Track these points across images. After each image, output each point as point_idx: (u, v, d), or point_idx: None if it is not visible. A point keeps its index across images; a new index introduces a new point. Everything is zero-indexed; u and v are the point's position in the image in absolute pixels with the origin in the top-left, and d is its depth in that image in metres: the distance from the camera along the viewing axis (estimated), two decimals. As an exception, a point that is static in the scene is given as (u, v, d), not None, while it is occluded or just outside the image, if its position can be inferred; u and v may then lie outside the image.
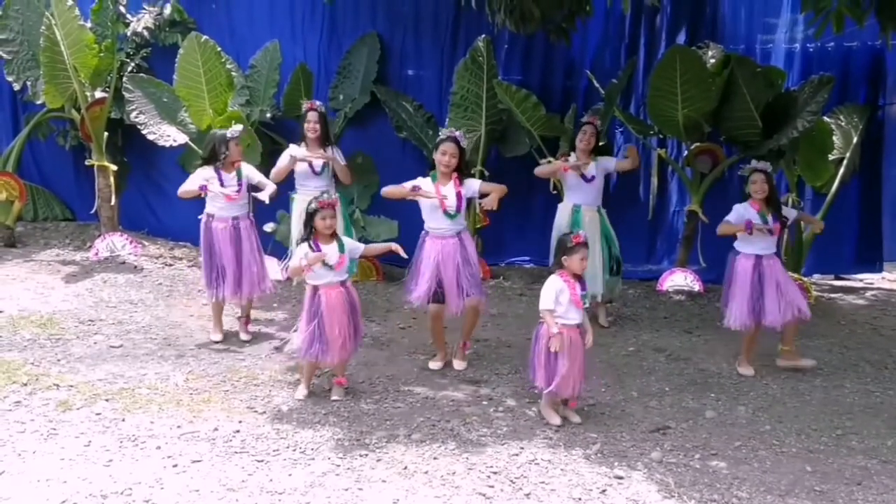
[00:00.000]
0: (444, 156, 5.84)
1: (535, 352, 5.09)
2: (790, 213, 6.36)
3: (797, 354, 6.23)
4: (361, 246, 5.57)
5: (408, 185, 5.87)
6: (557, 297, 4.99)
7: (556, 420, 5.08)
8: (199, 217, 6.46)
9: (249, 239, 6.44)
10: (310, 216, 5.24)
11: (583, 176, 6.98)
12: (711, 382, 5.96)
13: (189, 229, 7.77)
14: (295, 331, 5.61)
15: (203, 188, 6.24)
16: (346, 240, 5.42)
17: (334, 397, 5.37)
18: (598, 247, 7.02)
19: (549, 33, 7.74)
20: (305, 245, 5.23)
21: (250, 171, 6.53)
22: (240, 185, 6.37)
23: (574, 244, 5.02)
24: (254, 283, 6.46)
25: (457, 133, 5.94)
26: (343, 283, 5.32)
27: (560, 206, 7.22)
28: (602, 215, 7.17)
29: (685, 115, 7.79)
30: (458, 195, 5.86)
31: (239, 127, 6.56)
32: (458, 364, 6.07)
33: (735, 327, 6.08)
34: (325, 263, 5.19)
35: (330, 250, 5.22)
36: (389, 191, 5.99)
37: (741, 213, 6.08)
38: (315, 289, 5.26)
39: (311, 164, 7.03)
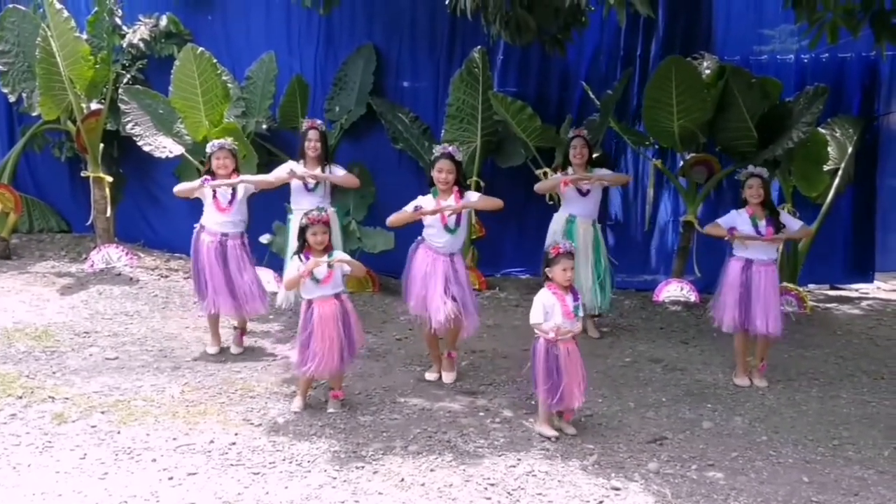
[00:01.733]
0: (440, 173, 5.84)
1: (536, 369, 5.07)
2: (791, 222, 6.26)
3: (757, 371, 6.17)
4: (348, 260, 5.44)
5: (409, 207, 5.85)
6: (548, 312, 4.99)
7: (552, 433, 5.07)
8: (195, 225, 6.45)
9: (237, 258, 6.32)
10: (301, 231, 5.25)
11: (578, 189, 6.97)
12: (708, 393, 5.95)
13: (185, 241, 7.73)
14: (292, 348, 5.58)
15: (206, 180, 6.26)
16: (337, 254, 5.39)
17: (330, 409, 5.35)
18: (591, 260, 7.01)
19: (544, 45, 7.76)
20: (297, 259, 5.24)
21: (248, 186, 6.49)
22: (233, 197, 6.35)
23: (554, 255, 5.02)
24: (243, 305, 6.36)
25: (450, 148, 5.92)
26: (338, 297, 5.31)
27: (556, 214, 7.19)
28: (596, 229, 7.10)
29: (681, 126, 7.83)
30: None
31: (219, 141, 6.46)
32: (447, 377, 6.03)
33: (724, 330, 6.13)
34: (313, 278, 5.20)
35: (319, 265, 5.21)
36: (394, 219, 5.92)
37: (733, 217, 6.13)
38: (309, 303, 5.26)
39: (304, 182, 6.98)
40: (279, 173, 6.95)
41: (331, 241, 5.37)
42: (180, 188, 6.51)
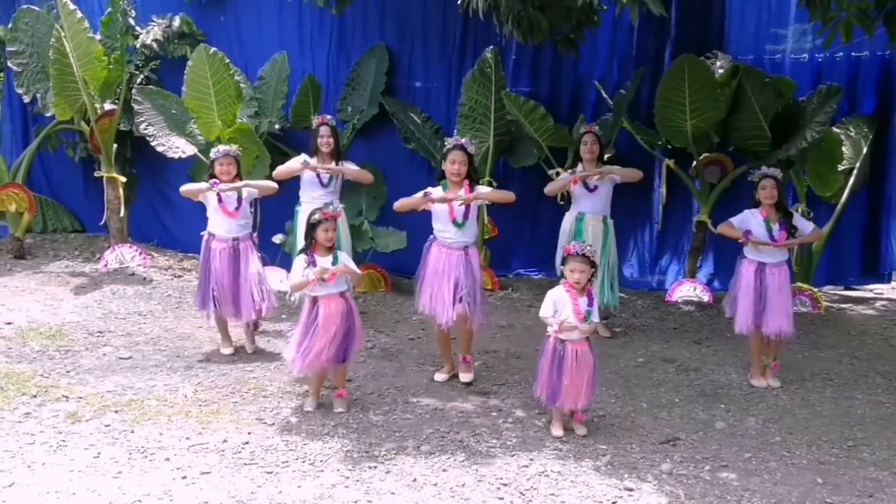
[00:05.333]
0: (452, 164, 5.79)
1: (541, 365, 5.09)
2: (804, 224, 6.19)
3: (771, 371, 6.15)
4: (352, 270, 5.39)
5: (419, 194, 5.85)
6: (558, 309, 4.99)
7: (559, 431, 5.07)
8: (202, 234, 6.46)
9: (247, 260, 6.35)
10: (312, 227, 5.24)
11: (586, 185, 6.94)
12: (721, 393, 5.93)
13: (198, 241, 7.79)
14: (288, 342, 5.53)
15: (214, 184, 6.24)
16: (341, 254, 5.39)
17: (338, 409, 5.36)
18: (598, 258, 6.93)
19: (557, 44, 7.74)
20: (303, 257, 5.24)
21: (251, 190, 6.48)
22: (239, 202, 6.35)
23: (565, 255, 5.06)
24: (250, 307, 6.33)
25: (463, 140, 5.88)
26: (343, 294, 5.31)
27: (566, 214, 7.17)
28: (608, 226, 7.05)
29: (694, 126, 7.80)
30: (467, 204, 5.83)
31: (224, 147, 6.45)
32: (464, 376, 6.02)
33: (738, 332, 6.10)
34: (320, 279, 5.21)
35: (325, 263, 5.21)
36: (402, 204, 5.93)
37: (747, 218, 6.07)
38: (314, 300, 5.26)
39: (318, 176, 7.01)
40: (291, 165, 7.00)
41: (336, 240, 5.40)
42: (187, 189, 6.49)
